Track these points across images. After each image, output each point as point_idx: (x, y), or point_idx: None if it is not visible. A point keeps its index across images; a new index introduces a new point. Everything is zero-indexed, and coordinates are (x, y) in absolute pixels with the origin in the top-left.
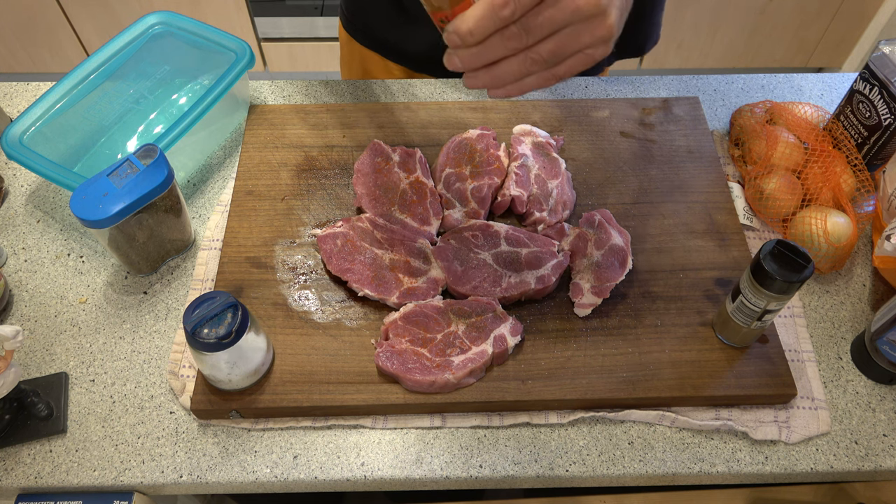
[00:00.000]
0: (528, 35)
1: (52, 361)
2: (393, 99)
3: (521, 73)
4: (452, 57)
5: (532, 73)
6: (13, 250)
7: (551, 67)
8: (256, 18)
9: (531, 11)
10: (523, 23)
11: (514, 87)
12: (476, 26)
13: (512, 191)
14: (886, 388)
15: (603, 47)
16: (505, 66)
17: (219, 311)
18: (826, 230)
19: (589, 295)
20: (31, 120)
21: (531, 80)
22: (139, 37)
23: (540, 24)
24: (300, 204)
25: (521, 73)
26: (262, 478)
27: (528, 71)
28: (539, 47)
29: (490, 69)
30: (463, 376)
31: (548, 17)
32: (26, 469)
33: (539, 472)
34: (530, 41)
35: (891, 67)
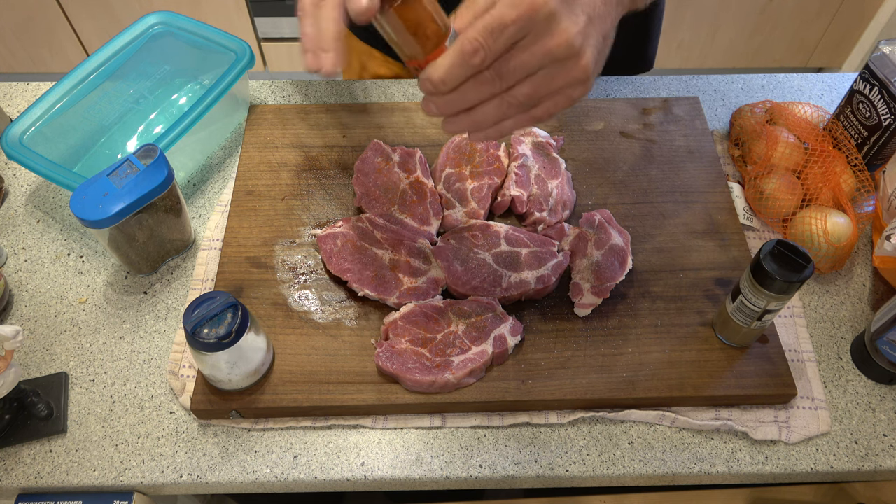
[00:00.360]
0: (502, 80)
1: (52, 361)
2: (393, 99)
3: (499, 116)
4: (429, 103)
5: (510, 117)
6: (13, 250)
7: (529, 110)
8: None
9: (503, 57)
10: (496, 68)
11: (493, 131)
12: (448, 74)
13: (512, 191)
14: (886, 388)
15: (581, 87)
16: (482, 110)
17: (219, 311)
18: (826, 230)
19: (589, 295)
20: (31, 120)
21: (509, 123)
22: (139, 37)
23: (513, 68)
24: (300, 204)
25: (498, 117)
26: (262, 478)
27: (505, 114)
28: (514, 91)
29: (467, 114)
30: (463, 376)
31: (520, 61)
32: (26, 469)
33: (539, 472)
34: (505, 85)
35: (891, 67)
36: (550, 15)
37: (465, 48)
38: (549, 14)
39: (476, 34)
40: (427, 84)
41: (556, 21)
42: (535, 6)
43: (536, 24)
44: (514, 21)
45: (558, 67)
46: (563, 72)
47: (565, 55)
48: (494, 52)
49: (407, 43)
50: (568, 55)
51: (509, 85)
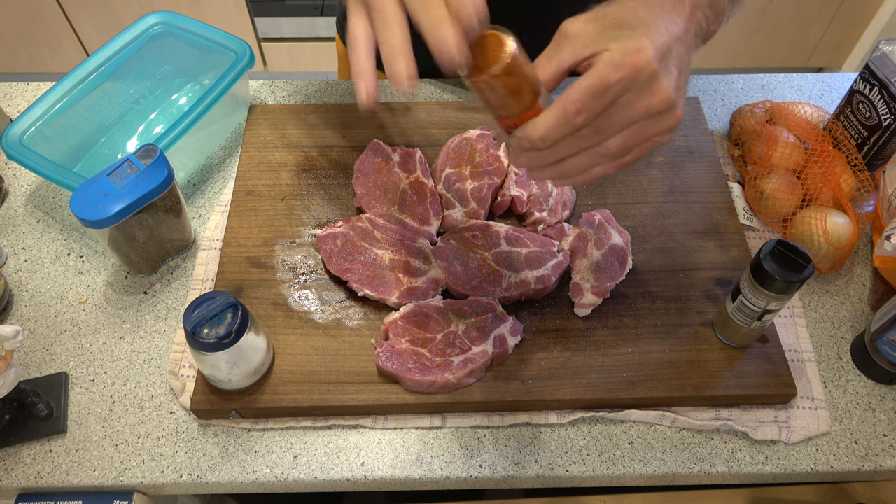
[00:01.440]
0: (598, 135)
1: (52, 361)
2: (393, 99)
3: (589, 165)
4: (520, 157)
5: (599, 165)
6: (13, 250)
7: (618, 158)
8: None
9: (603, 113)
10: (595, 125)
11: (581, 178)
12: (549, 134)
13: (512, 191)
14: (886, 388)
15: (670, 134)
16: (573, 161)
17: (219, 311)
18: (826, 230)
19: (589, 295)
20: (31, 120)
21: (598, 170)
22: (139, 37)
23: (611, 123)
24: (300, 204)
25: (588, 167)
26: (262, 478)
27: (595, 164)
28: (608, 143)
29: (558, 165)
30: (463, 376)
31: (619, 117)
32: (26, 469)
33: (539, 472)
34: (601, 140)
35: (891, 67)
36: (652, 75)
37: (567, 109)
38: (651, 74)
39: (579, 96)
40: (525, 142)
41: (657, 80)
42: (638, 67)
43: (638, 84)
44: (618, 82)
45: (654, 121)
46: (658, 124)
47: (664, 108)
48: (595, 112)
49: (504, 105)
50: (665, 108)
51: (605, 138)
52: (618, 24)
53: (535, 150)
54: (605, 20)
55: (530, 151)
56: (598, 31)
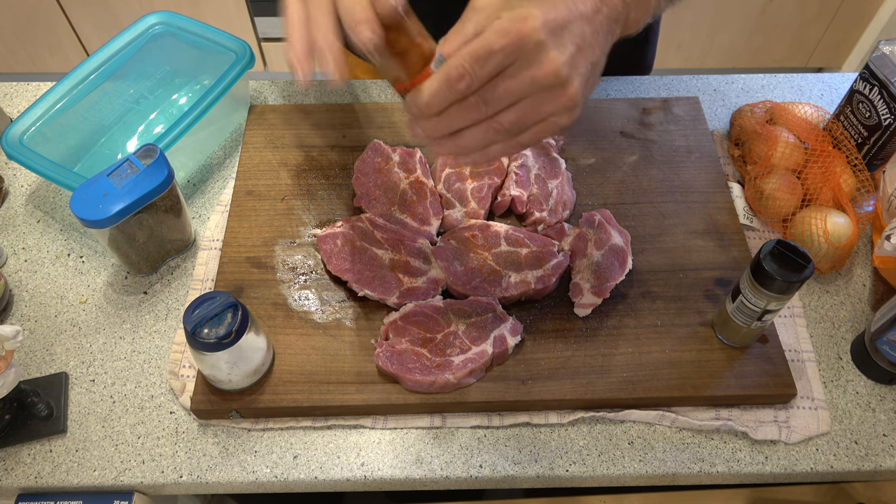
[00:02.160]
0: (487, 106)
1: (52, 361)
2: (393, 99)
3: (485, 141)
4: (415, 126)
5: (496, 142)
6: (13, 250)
7: (515, 136)
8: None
9: (489, 83)
10: (481, 94)
11: (480, 155)
12: (433, 98)
13: (512, 191)
14: (886, 388)
15: (567, 115)
16: (468, 135)
17: (219, 311)
18: (826, 230)
19: (589, 295)
20: (31, 120)
21: (496, 148)
22: (139, 37)
23: (498, 95)
24: (300, 204)
25: (485, 142)
26: (262, 478)
27: (492, 140)
28: (500, 117)
29: (453, 138)
30: (463, 376)
31: (505, 88)
32: (26, 469)
33: (539, 472)
34: (490, 111)
35: (891, 67)
36: (538, 44)
37: (450, 74)
38: (538, 43)
39: (462, 60)
40: (412, 107)
41: (544, 50)
42: (523, 35)
43: (524, 53)
44: (502, 49)
45: (545, 95)
46: (550, 100)
47: (552, 84)
48: (480, 78)
49: (391, 66)
50: (555, 84)
51: (495, 111)
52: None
53: (423, 117)
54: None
55: (422, 121)
56: (502, 4)
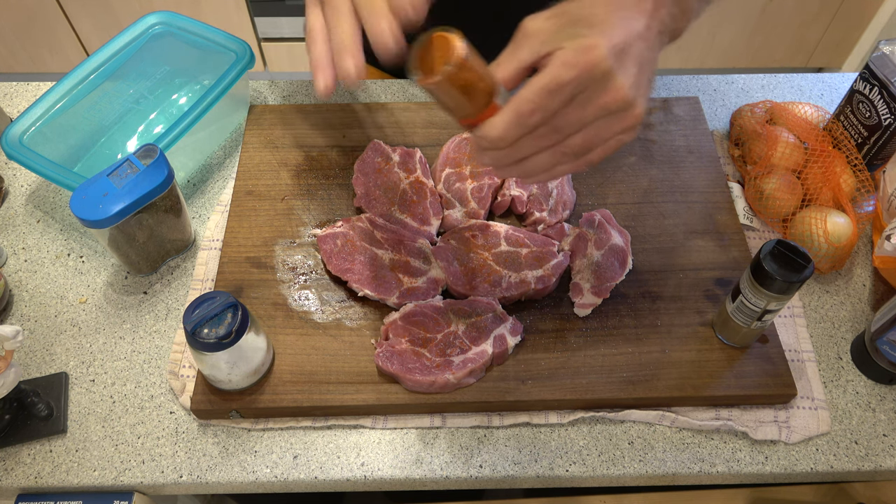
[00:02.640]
0: (556, 134)
1: (52, 361)
2: (393, 99)
3: (553, 164)
4: (483, 156)
5: (563, 163)
6: (13, 250)
7: (582, 157)
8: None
9: (558, 112)
10: (551, 123)
11: (546, 176)
12: (505, 133)
13: (512, 191)
14: (886, 388)
15: (632, 133)
16: (536, 160)
17: (219, 311)
18: (826, 230)
19: (589, 295)
20: (31, 120)
21: (562, 168)
22: (139, 37)
23: (568, 123)
24: (300, 204)
25: (552, 164)
26: (262, 478)
27: (558, 162)
28: (568, 141)
29: (521, 164)
30: (463, 376)
31: (576, 117)
32: (26, 469)
33: (539, 472)
34: (559, 138)
35: (891, 67)
36: (606, 73)
37: (522, 109)
38: (605, 72)
39: (533, 95)
40: (483, 141)
41: (611, 78)
42: (591, 66)
43: (592, 82)
44: (571, 81)
45: (612, 119)
46: (617, 122)
47: (619, 108)
48: (551, 110)
49: (460, 105)
50: (622, 108)
51: (564, 137)
52: (575, 21)
53: (494, 149)
54: (564, 18)
55: (490, 151)
56: (556, 29)
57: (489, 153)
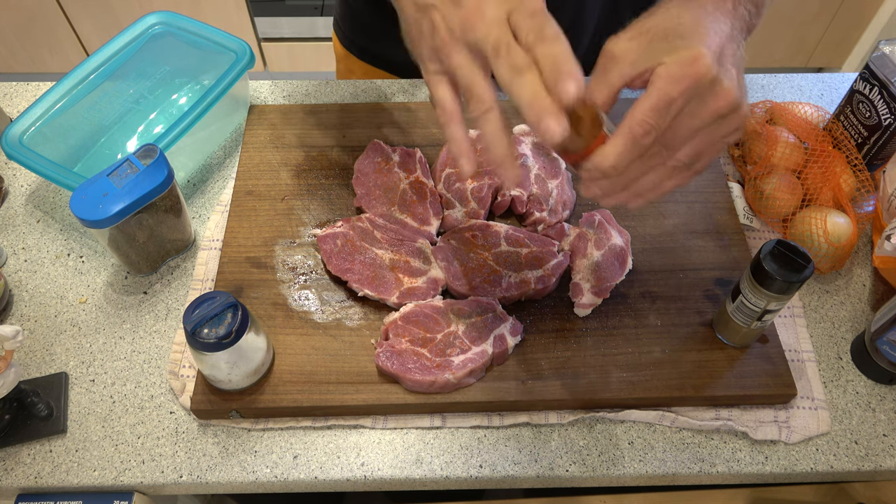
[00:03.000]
0: (667, 150)
1: (52, 361)
2: (393, 99)
3: (661, 180)
4: (591, 187)
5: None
6: (13, 250)
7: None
8: (256, 18)
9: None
10: (662, 140)
11: (653, 194)
12: (619, 161)
13: (512, 191)
14: (886, 388)
15: (738, 132)
16: (645, 180)
17: (219, 311)
18: (826, 230)
19: (589, 295)
20: (31, 120)
21: (670, 184)
22: (139, 37)
23: (678, 136)
24: (300, 204)
25: (661, 181)
26: (262, 478)
27: (667, 177)
28: (678, 155)
29: (629, 188)
30: (463, 376)
31: (685, 127)
32: (26, 469)
33: (539, 472)
34: (670, 154)
35: (891, 67)
36: (713, 80)
37: (635, 131)
38: (712, 80)
39: (644, 116)
40: (595, 172)
41: (718, 84)
42: (699, 76)
43: (700, 92)
44: (680, 94)
45: (721, 123)
46: (725, 125)
47: (730, 111)
48: (662, 128)
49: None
50: (731, 110)
51: (674, 151)
52: (665, 35)
53: (605, 178)
54: (650, 34)
55: (601, 181)
56: (644, 47)
57: (599, 184)
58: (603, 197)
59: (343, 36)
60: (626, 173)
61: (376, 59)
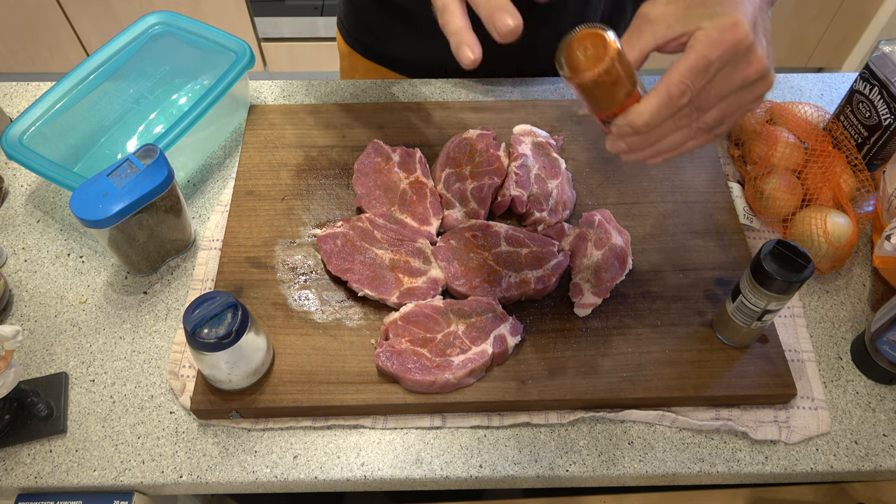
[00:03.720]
0: (697, 111)
1: (52, 361)
2: (393, 99)
3: (685, 140)
4: (619, 143)
5: (694, 139)
6: (13, 250)
7: (714, 129)
8: (256, 18)
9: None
10: (694, 101)
11: (675, 153)
12: (653, 118)
13: (512, 191)
14: (886, 388)
15: (761, 101)
16: (670, 139)
17: (219, 311)
18: (826, 230)
19: (589, 295)
20: (31, 120)
21: (691, 144)
22: (139, 37)
23: (709, 98)
24: (300, 204)
25: (684, 141)
26: (262, 478)
27: (691, 137)
28: (706, 117)
29: (654, 145)
30: (463, 376)
31: (717, 90)
32: (26, 469)
33: (539, 472)
34: (699, 115)
35: (891, 67)
36: (749, 47)
37: (672, 92)
38: (749, 46)
39: (682, 77)
40: (627, 128)
41: (752, 51)
42: (737, 42)
43: (735, 57)
44: (718, 58)
45: (749, 89)
46: (753, 91)
47: (758, 77)
48: (698, 90)
49: (607, 98)
50: (760, 77)
51: (702, 113)
52: (703, 2)
53: (636, 135)
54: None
55: (630, 137)
56: (681, 12)
57: (628, 140)
58: (628, 153)
59: (347, 34)
60: (657, 131)
61: (379, 56)
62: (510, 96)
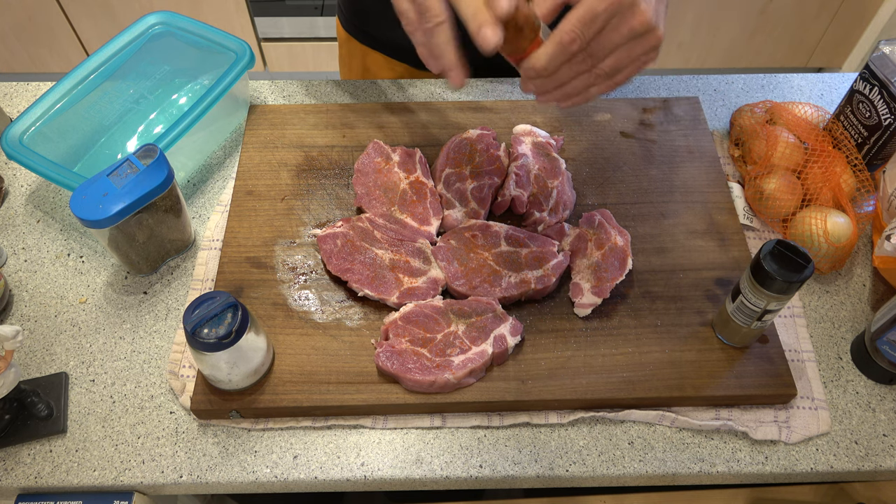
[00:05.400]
0: (592, 58)
1: (52, 361)
2: (393, 99)
3: (587, 86)
4: (528, 84)
5: (595, 85)
6: (13, 250)
7: (612, 77)
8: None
9: (593, 39)
10: (587, 49)
11: (580, 98)
12: (549, 62)
13: (512, 191)
14: (886, 388)
15: (653, 53)
16: (573, 84)
17: (219, 311)
18: (826, 230)
19: (589, 295)
20: (31, 120)
21: (594, 90)
22: (139, 37)
23: (601, 47)
24: (300, 204)
25: (586, 87)
26: (262, 478)
27: (592, 83)
28: (602, 64)
29: (560, 88)
30: (463, 376)
31: (608, 41)
32: (26, 469)
33: (539, 472)
34: (594, 62)
35: (891, 67)
36: (632, 3)
37: (563, 38)
38: (631, 2)
39: (572, 26)
40: (531, 71)
41: (636, 5)
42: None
43: (621, 10)
44: (605, 10)
45: (638, 41)
46: (642, 43)
47: (644, 30)
48: (587, 38)
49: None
50: (646, 30)
51: (597, 61)
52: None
53: (539, 77)
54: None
55: (535, 79)
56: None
57: (534, 82)
58: (537, 94)
59: (344, 20)
60: (557, 75)
61: (375, 41)
62: (510, 96)
